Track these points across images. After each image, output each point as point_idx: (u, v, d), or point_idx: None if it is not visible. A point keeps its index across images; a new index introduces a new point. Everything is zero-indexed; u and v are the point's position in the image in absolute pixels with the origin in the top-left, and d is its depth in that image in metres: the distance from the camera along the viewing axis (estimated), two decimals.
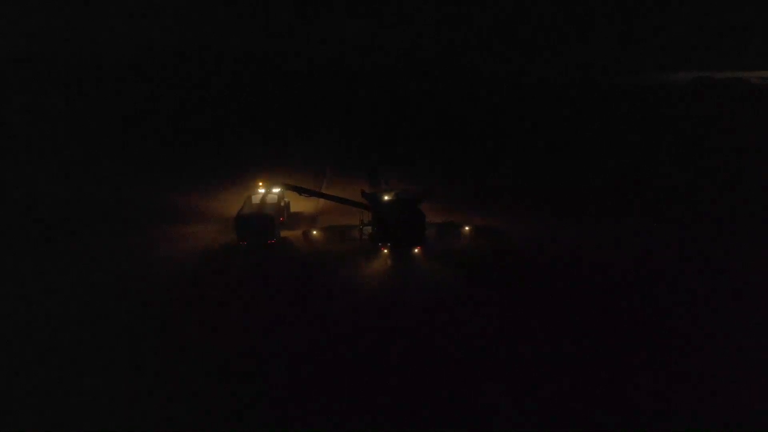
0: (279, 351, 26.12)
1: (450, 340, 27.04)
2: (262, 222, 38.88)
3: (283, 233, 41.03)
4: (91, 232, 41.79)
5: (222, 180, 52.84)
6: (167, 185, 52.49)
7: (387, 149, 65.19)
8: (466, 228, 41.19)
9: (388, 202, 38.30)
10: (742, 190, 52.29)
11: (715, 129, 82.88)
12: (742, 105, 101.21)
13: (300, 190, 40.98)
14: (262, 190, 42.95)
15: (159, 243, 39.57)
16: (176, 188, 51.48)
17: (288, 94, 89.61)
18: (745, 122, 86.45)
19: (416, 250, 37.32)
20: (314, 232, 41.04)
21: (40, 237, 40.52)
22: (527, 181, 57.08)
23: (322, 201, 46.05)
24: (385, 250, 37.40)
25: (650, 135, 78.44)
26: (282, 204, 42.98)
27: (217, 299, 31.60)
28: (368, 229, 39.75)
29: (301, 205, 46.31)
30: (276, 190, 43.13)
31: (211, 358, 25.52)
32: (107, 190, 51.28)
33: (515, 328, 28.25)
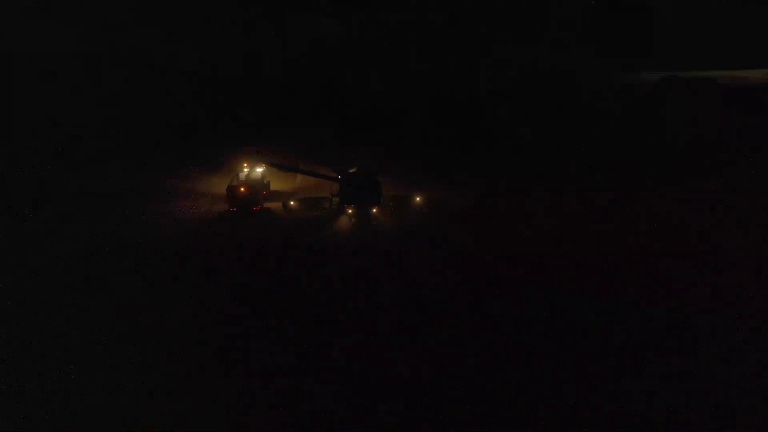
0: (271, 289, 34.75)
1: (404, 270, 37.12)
2: (249, 191, 47.66)
3: (265, 205, 49.77)
4: (102, 207, 49.43)
5: (213, 165, 60.48)
6: (166, 170, 59.74)
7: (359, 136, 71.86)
8: (417, 198, 50.47)
9: (352, 173, 47.80)
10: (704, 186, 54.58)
11: (685, 128, 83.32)
12: (711, 104, 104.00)
13: (279, 167, 50.20)
14: (247, 169, 51.69)
15: (168, 212, 48.24)
16: (174, 172, 58.90)
17: (271, 88, 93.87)
18: (715, 121, 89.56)
19: (374, 210, 46.71)
20: (292, 203, 49.87)
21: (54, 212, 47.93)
22: (487, 164, 63.07)
23: (298, 180, 54.75)
24: (350, 210, 46.72)
25: (618, 132, 76.51)
26: (264, 181, 51.77)
27: (215, 249, 40.64)
28: (336, 199, 48.85)
29: (280, 184, 54.94)
30: (259, 169, 52.00)
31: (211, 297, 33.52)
32: (112, 176, 58.29)
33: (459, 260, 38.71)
